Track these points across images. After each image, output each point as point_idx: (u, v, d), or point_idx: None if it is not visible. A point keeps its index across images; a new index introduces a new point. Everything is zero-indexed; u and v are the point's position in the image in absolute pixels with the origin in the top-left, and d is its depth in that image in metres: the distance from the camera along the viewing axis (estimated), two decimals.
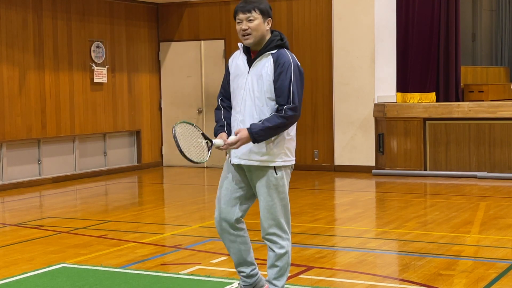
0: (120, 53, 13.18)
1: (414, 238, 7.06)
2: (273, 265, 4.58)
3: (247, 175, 4.60)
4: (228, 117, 4.64)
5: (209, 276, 5.64)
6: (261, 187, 4.52)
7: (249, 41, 4.45)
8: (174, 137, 4.37)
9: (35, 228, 7.99)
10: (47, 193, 10.94)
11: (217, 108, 4.73)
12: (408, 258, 6.24)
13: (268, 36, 4.51)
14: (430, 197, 10.21)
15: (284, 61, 4.41)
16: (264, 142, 4.45)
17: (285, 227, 4.56)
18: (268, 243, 4.58)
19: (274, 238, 4.54)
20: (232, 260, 4.76)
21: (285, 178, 4.56)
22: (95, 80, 12.63)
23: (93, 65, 12.58)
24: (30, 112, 11.53)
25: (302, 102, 4.47)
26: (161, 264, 6.14)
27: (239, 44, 4.60)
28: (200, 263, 6.12)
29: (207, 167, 13.62)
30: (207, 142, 4.46)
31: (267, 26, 4.47)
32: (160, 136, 14.04)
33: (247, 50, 4.55)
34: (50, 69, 11.85)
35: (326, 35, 12.62)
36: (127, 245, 6.97)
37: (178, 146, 4.36)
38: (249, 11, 4.42)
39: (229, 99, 4.66)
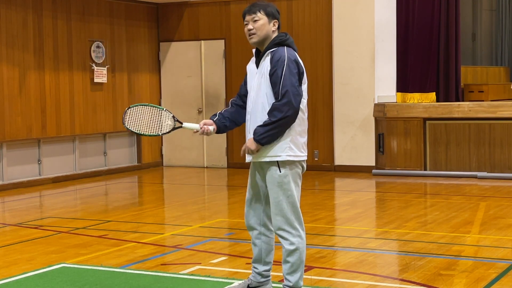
0: (120, 53, 13.18)
1: (414, 238, 7.06)
2: (285, 261, 4.74)
3: (261, 173, 4.76)
4: (228, 111, 4.88)
5: (209, 276, 5.64)
6: (268, 183, 4.68)
7: (254, 40, 4.65)
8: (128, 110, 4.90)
9: (35, 228, 7.99)
10: (47, 193, 10.94)
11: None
12: (408, 258, 6.24)
13: (274, 36, 4.68)
14: (430, 197, 10.21)
15: (279, 57, 4.57)
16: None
17: (295, 224, 4.68)
18: (279, 238, 4.74)
19: (284, 234, 4.68)
20: (252, 257, 5.00)
21: (290, 175, 4.64)
22: (95, 80, 12.63)
23: (93, 65, 12.58)
24: (30, 112, 11.53)
25: (300, 93, 4.55)
26: (161, 264, 6.14)
27: (253, 50, 4.80)
28: (200, 263, 6.12)
29: (207, 167, 13.62)
30: (175, 123, 4.84)
31: (273, 27, 4.67)
32: (160, 136, 14.04)
33: (257, 53, 4.74)
34: (50, 69, 11.86)
35: (326, 35, 12.62)
36: (127, 245, 6.97)
37: (125, 119, 4.87)
38: (255, 12, 4.64)
39: (241, 98, 4.90)
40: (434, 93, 12.44)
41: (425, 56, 12.41)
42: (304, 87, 4.64)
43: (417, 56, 12.40)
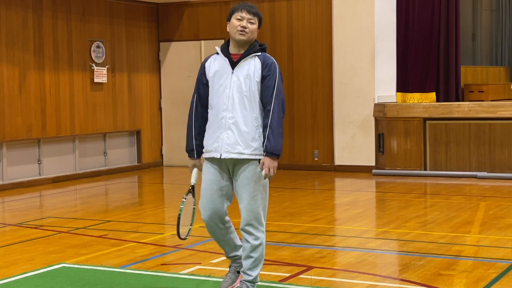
0: (120, 53, 13.18)
1: (414, 238, 7.06)
2: (248, 256, 4.84)
3: (230, 169, 4.86)
4: (199, 131, 4.97)
5: (209, 276, 5.65)
6: (245, 179, 4.79)
7: (244, 38, 4.78)
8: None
9: (35, 228, 7.99)
10: (47, 193, 10.94)
11: (194, 115, 5.05)
12: (408, 258, 6.24)
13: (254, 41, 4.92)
14: (430, 197, 10.21)
15: (270, 62, 4.82)
16: (251, 136, 4.75)
17: (262, 219, 4.85)
18: (244, 234, 4.83)
19: (251, 229, 4.81)
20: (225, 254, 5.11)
21: None
22: (95, 80, 12.64)
23: (93, 65, 12.58)
24: (30, 112, 11.53)
25: (284, 98, 4.85)
26: (161, 264, 6.14)
27: (217, 48, 4.93)
28: (200, 263, 6.12)
29: None
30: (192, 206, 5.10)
31: (256, 34, 4.90)
32: (160, 136, 14.04)
33: (227, 54, 4.87)
34: (50, 69, 11.85)
35: (326, 35, 12.62)
36: (127, 245, 6.97)
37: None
38: (253, 14, 4.82)
39: (204, 105, 5.02)
40: (434, 93, 12.44)
41: (425, 56, 12.41)
42: None
43: (417, 56, 12.40)
